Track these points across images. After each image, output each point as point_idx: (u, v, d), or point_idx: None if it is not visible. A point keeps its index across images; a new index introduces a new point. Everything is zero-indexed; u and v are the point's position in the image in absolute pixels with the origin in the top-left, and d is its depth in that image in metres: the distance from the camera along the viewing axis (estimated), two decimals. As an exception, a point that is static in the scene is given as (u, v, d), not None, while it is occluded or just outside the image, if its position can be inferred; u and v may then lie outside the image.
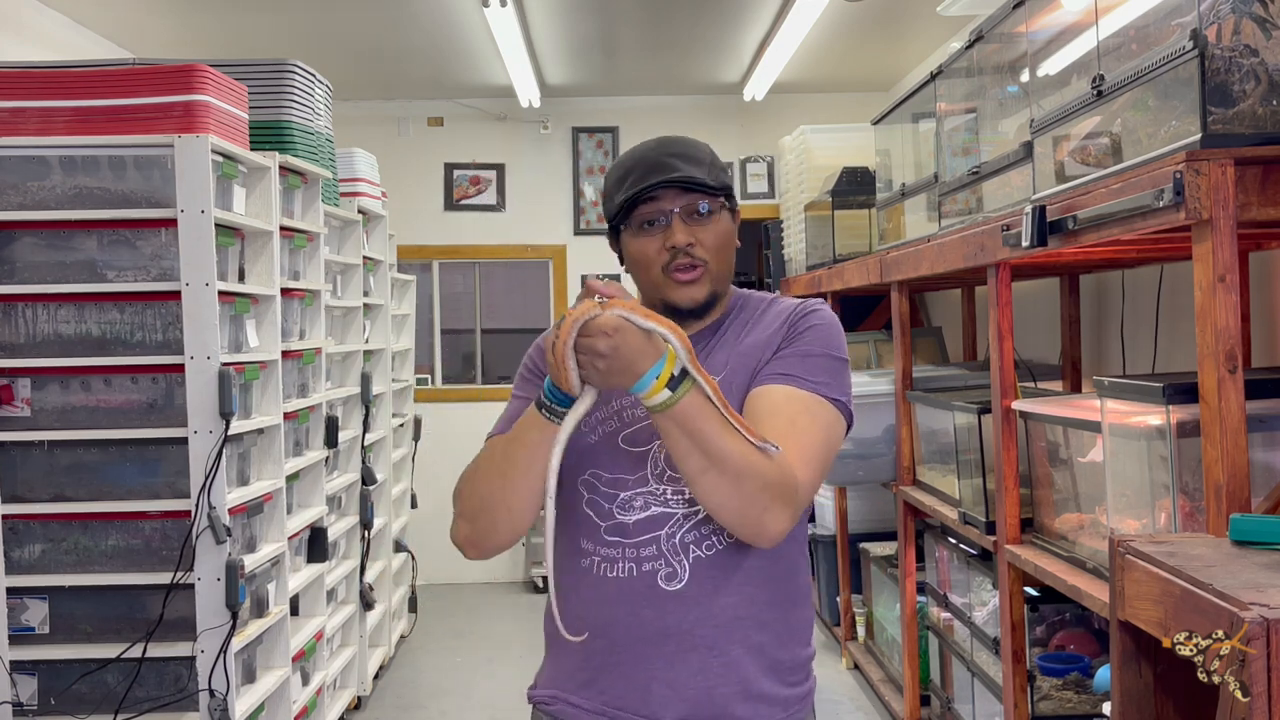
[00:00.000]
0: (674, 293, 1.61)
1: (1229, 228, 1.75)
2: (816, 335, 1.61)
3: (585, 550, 1.60)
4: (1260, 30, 1.81)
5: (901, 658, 4.00)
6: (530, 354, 1.73)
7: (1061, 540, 2.61)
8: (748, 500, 1.45)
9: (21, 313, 3.06)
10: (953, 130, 3.34)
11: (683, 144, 1.65)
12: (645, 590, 1.56)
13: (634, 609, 1.57)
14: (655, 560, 1.57)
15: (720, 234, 1.62)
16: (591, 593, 1.60)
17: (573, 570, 1.62)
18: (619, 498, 1.59)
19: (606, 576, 1.58)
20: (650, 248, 1.61)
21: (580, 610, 1.61)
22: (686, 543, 1.57)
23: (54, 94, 3.03)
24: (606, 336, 1.39)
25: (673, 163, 1.60)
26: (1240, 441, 1.75)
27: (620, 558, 1.58)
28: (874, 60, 5.87)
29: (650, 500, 1.58)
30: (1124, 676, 1.61)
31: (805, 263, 5.40)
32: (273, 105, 3.64)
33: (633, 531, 1.58)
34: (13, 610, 3.06)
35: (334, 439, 4.02)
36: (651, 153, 1.63)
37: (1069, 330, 3.83)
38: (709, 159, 1.64)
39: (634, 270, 1.65)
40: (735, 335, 1.67)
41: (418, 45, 5.44)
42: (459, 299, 7.03)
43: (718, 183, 1.61)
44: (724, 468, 1.43)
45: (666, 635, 1.56)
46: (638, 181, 1.60)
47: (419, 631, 5.63)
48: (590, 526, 1.60)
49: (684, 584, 1.56)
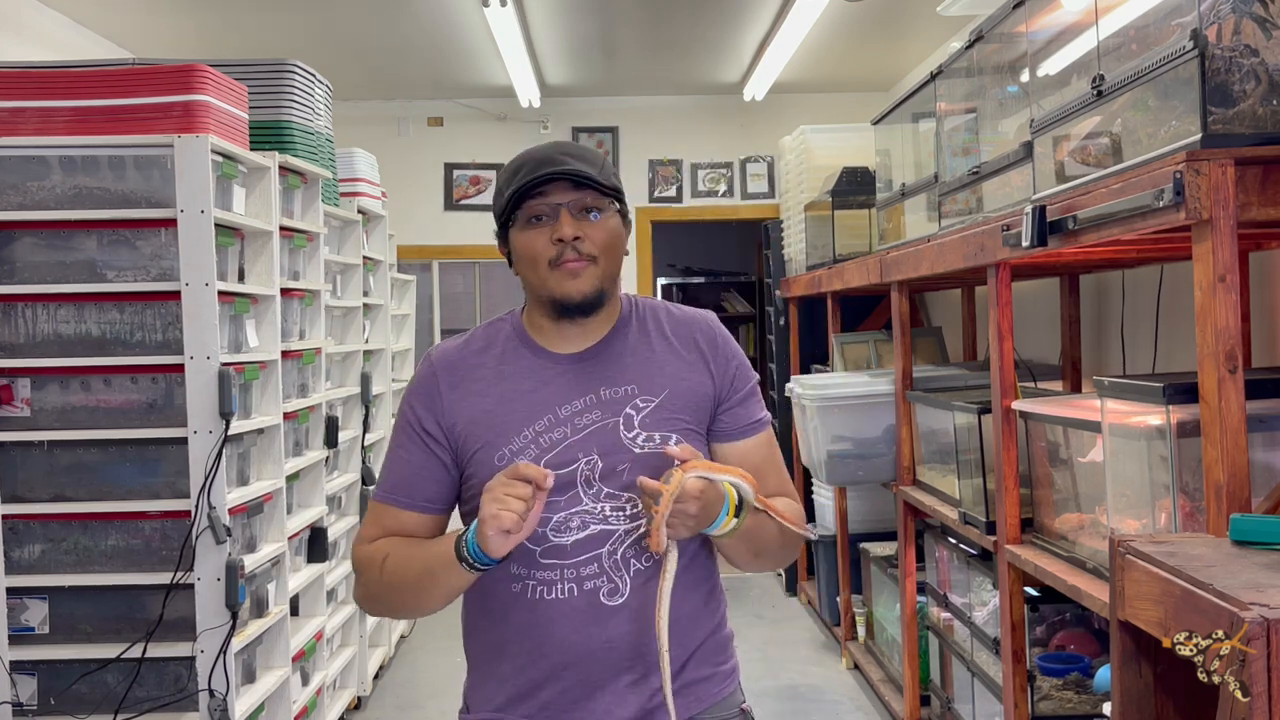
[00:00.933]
0: (561, 286, 1.59)
1: (1229, 228, 1.75)
2: (743, 366, 1.71)
3: (516, 575, 1.60)
4: (1260, 30, 1.81)
5: (901, 658, 4.00)
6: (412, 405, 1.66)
7: (1061, 540, 2.61)
8: (785, 560, 1.75)
9: (21, 313, 3.06)
10: (953, 130, 3.34)
11: (576, 147, 1.66)
12: (587, 608, 1.58)
13: (578, 627, 1.58)
14: (597, 578, 1.58)
15: (610, 231, 1.61)
16: (527, 615, 1.59)
17: (499, 595, 1.61)
18: (552, 520, 1.58)
19: (544, 599, 1.59)
20: (538, 242, 1.59)
21: (513, 634, 1.61)
22: (628, 558, 1.59)
23: (54, 94, 3.03)
24: (695, 500, 1.49)
25: (563, 159, 1.60)
26: (1240, 441, 1.75)
27: (559, 579, 1.58)
28: (874, 60, 5.87)
29: (589, 519, 1.58)
30: (1124, 676, 1.61)
31: (805, 263, 5.40)
32: (273, 105, 3.64)
33: (571, 552, 1.58)
34: (13, 610, 3.06)
35: (334, 439, 4.02)
36: (542, 150, 1.64)
37: (1069, 330, 3.83)
38: (602, 161, 1.64)
39: (521, 267, 1.63)
40: (643, 345, 1.66)
41: (418, 45, 5.44)
42: (459, 299, 7.03)
43: (608, 183, 1.61)
44: (769, 553, 1.67)
45: (611, 648, 1.58)
46: (527, 174, 1.59)
47: (419, 631, 5.63)
48: (522, 552, 1.57)
49: (625, 598, 1.58)
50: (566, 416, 1.60)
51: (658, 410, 1.61)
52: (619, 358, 1.64)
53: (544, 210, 1.59)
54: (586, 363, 1.64)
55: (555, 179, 1.58)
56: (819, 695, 4.53)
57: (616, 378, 1.62)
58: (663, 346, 1.67)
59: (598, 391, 1.61)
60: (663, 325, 1.69)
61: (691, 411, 1.64)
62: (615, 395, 1.61)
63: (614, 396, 1.61)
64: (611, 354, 1.64)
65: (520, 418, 1.60)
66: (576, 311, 1.60)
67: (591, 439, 1.59)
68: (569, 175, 1.58)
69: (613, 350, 1.65)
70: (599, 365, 1.63)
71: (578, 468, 1.58)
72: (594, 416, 1.60)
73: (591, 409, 1.60)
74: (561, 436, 1.59)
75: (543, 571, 1.58)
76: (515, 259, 1.64)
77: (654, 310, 1.71)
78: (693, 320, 1.71)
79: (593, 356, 1.64)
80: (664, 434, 1.60)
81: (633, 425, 1.60)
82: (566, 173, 1.57)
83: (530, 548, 1.58)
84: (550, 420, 1.60)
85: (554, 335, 1.65)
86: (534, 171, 1.59)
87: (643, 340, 1.67)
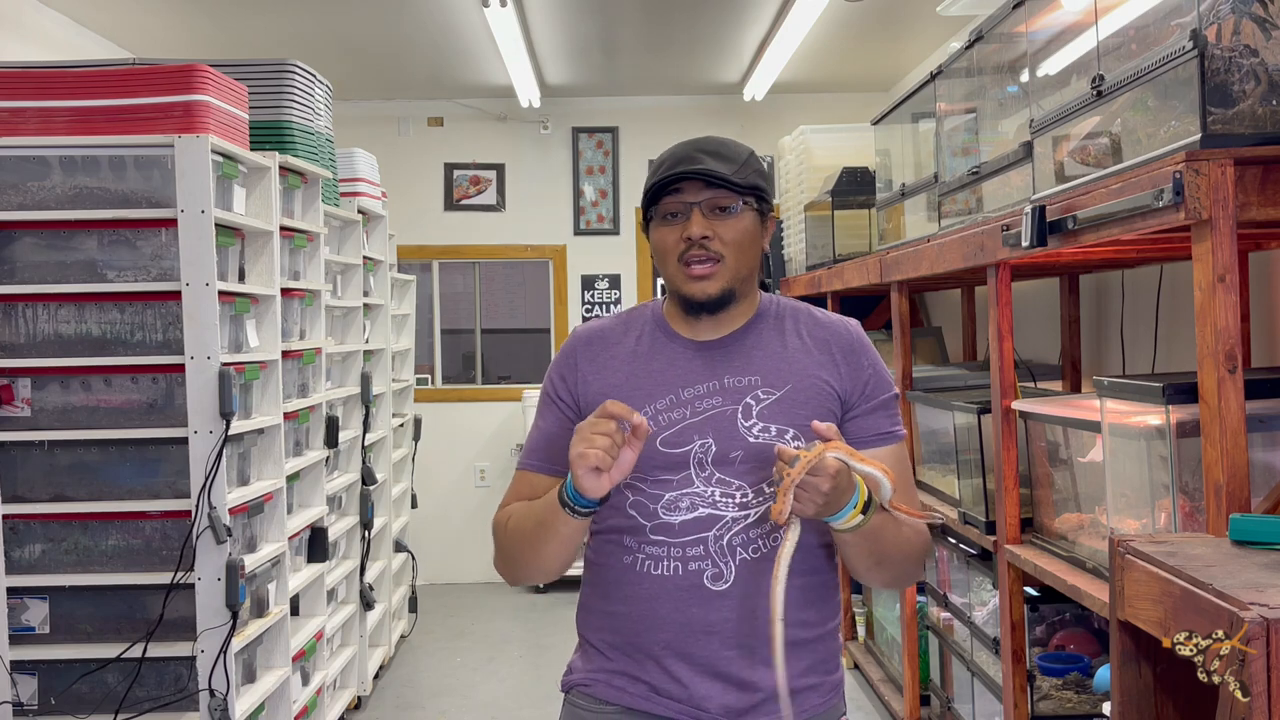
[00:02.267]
0: (687, 285, 1.64)
1: (1229, 228, 1.75)
2: (882, 377, 1.71)
3: (628, 548, 1.64)
4: (1260, 30, 1.81)
5: (901, 657, 4.00)
6: (551, 375, 1.75)
7: (1061, 540, 2.61)
8: (907, 579, 1.72)
9: (21, 313, 3.06)
10: (952, 130, 3.34)
11: (718, 143, 1.67)
12: (691, 588, 1.60)
13: (679, 606, 1.60)
14: (702, 560, 1.60)
15: (741, 231, 1.64)
16: (634, 589, 1.63)
17: (613, 568, 1.65)
18: (664, 498, 1.61)
19: (650, 573, 1.62)
20: (669, 238, 1.64)
21: (621, 606, 1.65)
22: (734, 545, 1.60)
23: (54, 94, 3.03)
24: (830, 478, 1.46)
25: (700, 157, 1.62)
26: (1240, 441, 1.75)
27: (665, 556, 1.61)
28: (874, 60, 5.87)
29: (697, 501, 1.61)
30: (1124, 676, 1.61)
31: (805, 263, 5.40)
32: (273, 105, 3.64)
33: (679, 531, 1.61)
34: (13, 610, 3.06)
35: (334, 439, 4.02)
36: (684, 148, 1.66)
37: (1069, 330, 3.83)
38: (743, 159, 1.65)
39: (656, 261, 1.68)
40: (776, 341, 1.69)
41: (418, 45, 5.44)
42: (459, 299, 7.03)
43: (745, 181, 1.63)
44: (891, 562, 1.62)
45: (711, 632, 1.60)
46: (664, 171, 1.63)
47: (419, 631, 5.63)
48: (634, 526, 1.63)
49: (729, 584, 1.60)
50: (688, 399, 1.64)
51: (778, 403, 1.63)
52: (748, 349, 1.68)
53: (678, 208, 1.63)
54: (716, 350, 1.68)
55: (688, 178, 1.61)
56: (819, 695, 4.52)
57: (743, 367, 1.66)
58: (796, 345, 1.69)
59: (722, 379, 1.65)
60: (800, 326, 1.72)
61: (814, 409, 1.64)
62: (739, 384, 1.64)
63: (737, 385, 1.64)
64: (742, 345, 1.68)
65: (644, 394, 1.64)
66: (704, 309, 1.65)
67: (709, 423, 1.62)
68: (700, 175, 1.61)
69: (744, 342, 1.68)
70: (727, 354, 1.67)
71: (691, 450, 1.61)
72: (715, 402, 1.63)
73: (714, 394, 1.64)
74: (680, 417, 1.63)
75: (652, 547, 1.62)
76: (653, 252, 1.69)
77: (795, 311, 1.74)
78: (832, 324, 1.73)
79: (723, 345, 1.68)
80: (780, 426, 1.62)
81: (750, 415, 1.63)
82: (698, 172, 1.61)
83: (641, 523, 1.62)
84: (672, 400, 1.64)
85: (689, 324, 1.70)
86: (671, 169, 1.63)
87: (776, 336, 1.70)
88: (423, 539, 6.04)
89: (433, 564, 6.36)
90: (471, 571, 6.69)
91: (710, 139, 1.68)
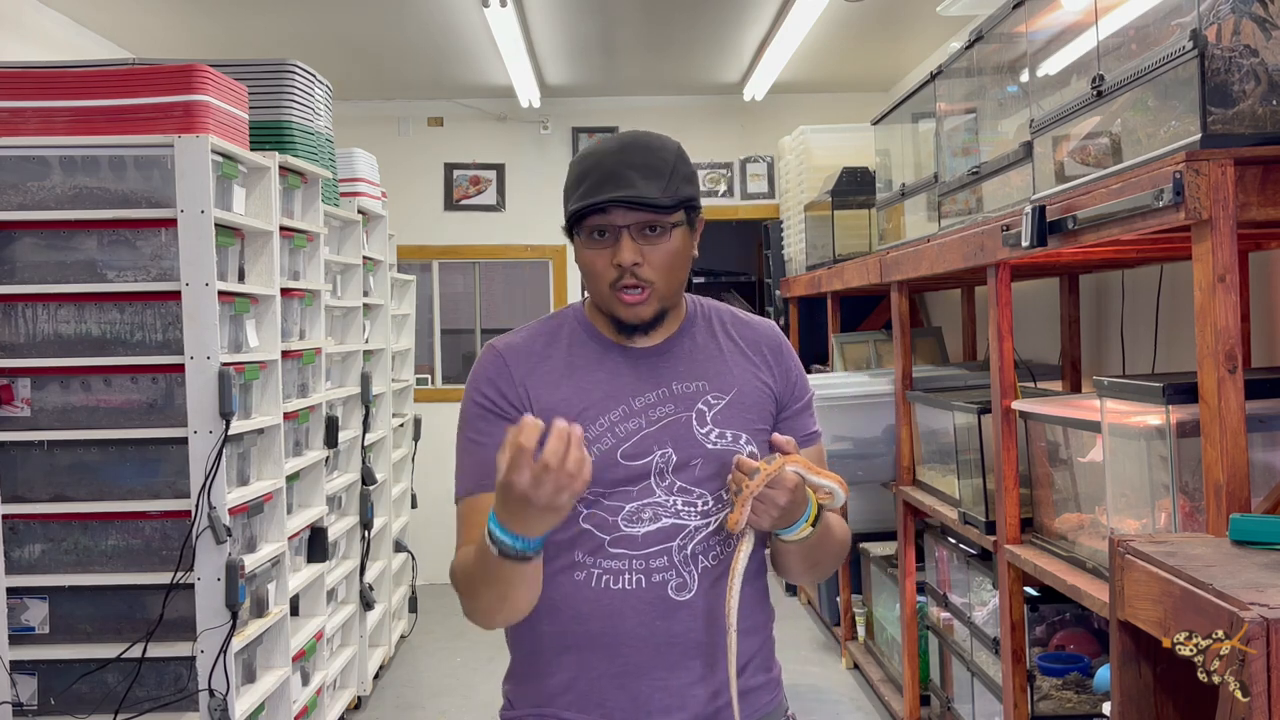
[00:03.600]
0: (620, 310, 1.58)
1: (1229, 228, 1.75)
2: (802, 377, 1.73)
3: (580, 563, 1.58)
4: (1260, 30, 1.81)
5: (901, 658, 4.00)
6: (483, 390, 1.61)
7: (1061, 540, 2.61)
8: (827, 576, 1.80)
9: (21, 313, 3.06)
10: (952, 130, 3.34)
11: (645, 151, 1.56)
12: (655, 600, 1.57)
13: (643, 619, 1.56)
14: (666, 571, 1.57)
15: (671, 253, 1.57)
16: (590, 606, 1.57)
17: (561, 584, 1.58)
18: (624, 510, 1.57)
19: (609, 588, 1.57)
20: (599, 262, 1.57)
21: (574, 624, 1.59)
22: (696, 554, 1.58)
23: (54, 94, 3.03)
24: (788, 492, 1.47)
25: (628, 176, 1.52)
26: (1240, 441, 1.75)
27: (627, 569, 1.57)
28: (874, 60, 5.87)
29: (660, 512, 1.58)
30: (1124, 676, 1.61)
31: (805, 263, 5.40)
32: (273, 105, 3.64)
33: (642, 543, 1.57)
34: (13, 610, 3.06)
35: (334, 439, 4.02)
36: (610, 159, 1.55)
37: (1069, 330, 3.83)
38: (671, 169, 1.56)
39: (585, 279, 1.62)
40: (711, 344, 1.67)
41: (418, 45, 5.44)
42: (459, 299, 7.03)
43: (673, 199, 1.54)
44: (821, 566, 1.68)
45: (673, 643, 1.57)
46: (589, 192, 1.53)
47: (419, 631, 5.63)
48: (590, 541, 1.57)
49: (693, 594, 1.58)
50: (640, 408, 1.60)
51: (729, 408, 1.62)
52: (688, 355, 1.65)
53: (604, 227, 1.55)
54: (657, 357, 1.64)
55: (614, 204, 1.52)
56: (819, 695, 4.53)
57: (686, 373, 1.63)
58: (730, 348, 1.68)
59: (669, 385, 1.62)
60: (728, 328, 1.71)
61: (757, 412, 1.65)
62: (686, 390, 1.62)
63: (685, 391, 1.62)
64: (681, 351, 1.65)
65: (597, 407, 1.58)
66: (636, 332, 1.62)
67: (665, 432, 1.59)
68: (627, 202, 1.51)
69: (682, 347, 1.66)
70: (669, 360, 1.64)
71: (652, 460, 1.58)
72: (667, 410, 1.60)
73: (664, 402, 1.61)
74: (637, 427, 1.59)
75: (610, 561, 1.57)
76: (580, 267, 1.62)
77: (719, 313, 1.73)
78: (756, 325, 1.73)
79: (663, 352, 1.65)
80: (734, 432, 1.61)
81: (705, 421, 1.61)
82: (624, 199, 1.51)
83: (599, 536, 1.58)
84: (625, 411, 1.60)
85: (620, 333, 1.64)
86: (595, 191, 1.53)
87: (710, 340, 1.68)
88: (423, 539, 6.04)
89: (433, 564, 6.35)
90: (471, 571, 6.67)
91: (636, 143, 1.57)
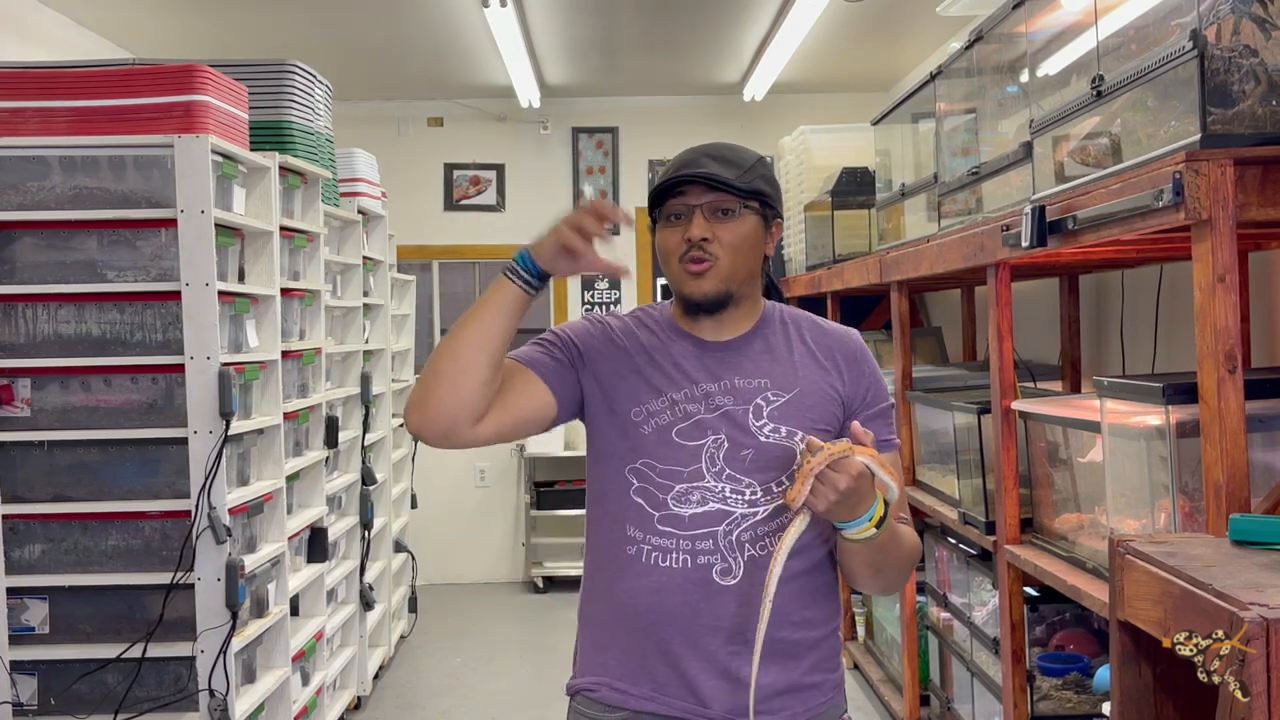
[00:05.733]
0: (685, 284, 1.67)
1: (1229, 228, 1.75)
2: (882, 386, 1.75)
3: (632, 538, 1.64)
4: (1260, 30, 1.81)
5: (901, 658, 4.00)
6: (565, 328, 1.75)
7: (1061, 540, 2.61)
8: (897, 587, 1.77)
9: (21, 313, 3.06)
10: (952, 130, 3.34)
11: (726, 148, 1.70)
12: (700, 582, 1.61)
13: (688, 599, 1.61)
14: (711, 555, 1.61)
15: (741, 235, 1.66)
16: (640, 580, 1.63)
17: (616, 557, 1.66)
18: (674, 489, 1.63)
19: (658, 565, 1.62)
20: (670, 240, 1.67)
21: (627, 597, 1.64)
22: (743, 541, 1.62)
23: (54, 94, 3.03)
24: (851, 478, 1.48)
25: (705, 161, 1.65)
26: (1240, 441, 1.75)
27: (674, 548, 1.62)
28: (874, 60, 5.87)
29: (707, 496, 1.62)
30: (1124, 676, 1.61)
31: (805, 263, 5.40)
32: (273, 105, 3.64)
33: (688, 524, 1.62)
34: (13, 610, 3.06)
35: (334, 439, 4.02)
36: (691, 153, 1.69)
37: (1069, 330, 3.83)
38: (749, 165, 1.67)
39: (661, 262, 1.71)
40: (782, 346, 1.72)
41: (418, 45, 5.44)
42: (459, 299, 7.03)
43: (747, 186, 1.65)
44: (889, 574, 1.67)
45: (718, 628, 1.61)
46: (667, 174, 1.66)
47: (419, 631, 5.63)
48: (640, 515, 1.64)
49: (738, 580, 1.61)
50: (700, 395, 1.66)
51: (787, 405, 1.66)
52: (757, 353, 1.70)
53: (680, 210, 1.66)
54: (725, 351, 1.70)
55: (690, 181, 1.64)
56: (819, 695, 4.52)
57: (751, 370, 1.68)
58: (801, 351, 1.72)
59: (732, 379, 1.68)
60: (804, 333, 1.75)
61: (819, 413, 1.67)
62: (748, 385, 1.67)
63: (747, 386, 1.67)
64: (751, 348, 1.71)
65: (662, 383, 1.67)
66: (701, 309, 1.68)
67: (722, 420, 1.64)
68: (701, 178, 1.63)
69: (752, 346, 1.71)
70: (736, 356, 1.70)
71: (705, 444, 1.63)
72: (726, 400, 1.66)
73: (725, 393, 1.66)
74: (694, 411, 1.65)
75: (658, 538, 1.63)
76: (658, 254, 1.71)
77: (798, 319, 1.77)
78: (835, 332, 1.76)
79: (732, 347, 1.71)
80: (790, 429, 1.64)
81: (761, 415, 1.65)
82: (699, 175, 1.63)
83: (649, 511, 1.63)
84: (687, 394, 1.66)
85: (694, 325, 1.72)
86: (675, 172, 1.65)
87: (783, 342, 1.73)
88: (423, 539, 6.04)
89: (433, 564, 6.35)
90: (471, 571, 6.69)
91: (719, 145, 1.71)
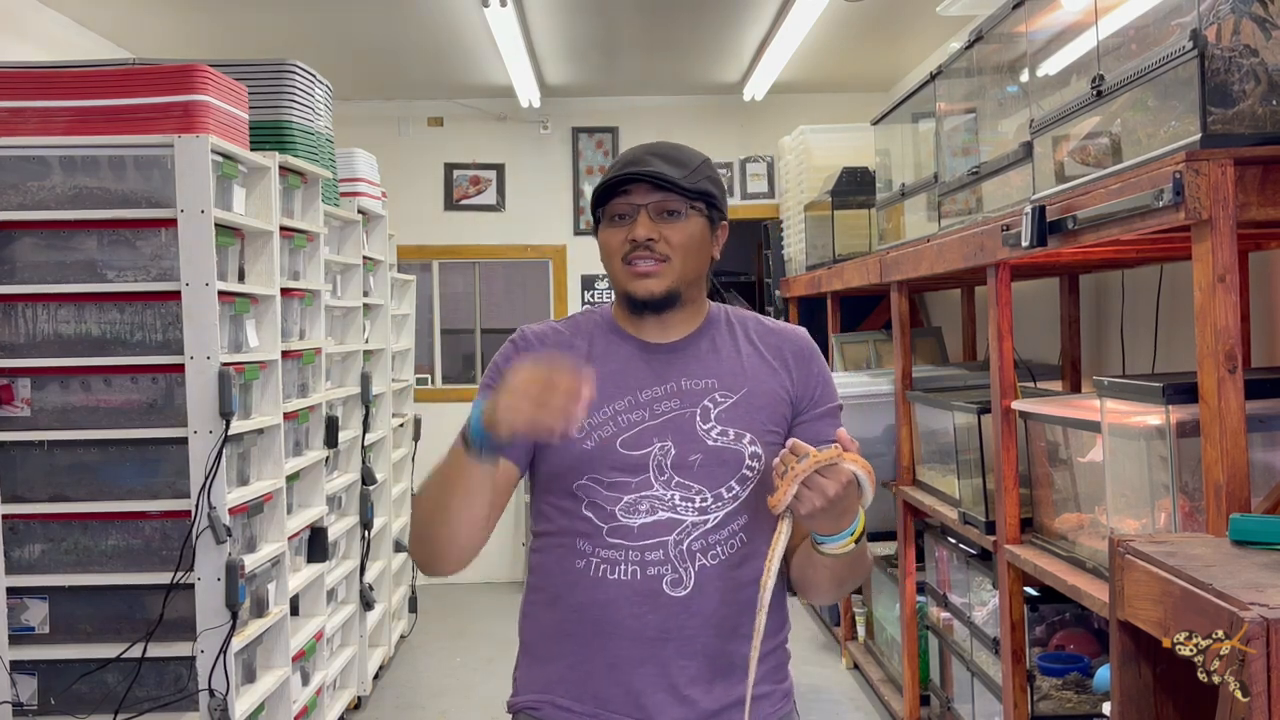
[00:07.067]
0: (631, 282, 1.62)
1: (1229, 228, 1.75)
2: (831, 386, 1.71)
3: (581, 551, 1.60)
4: (1260, 30, 1.81)
5: (901, 657, 4.00)
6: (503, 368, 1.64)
7: (1061, 540, 2.61)
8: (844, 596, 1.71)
9: (21, 313, 3.06)
10: (952, 130, 3.34)
11: (672, 148, 1.66)
12: (650, 593, 1.57)
13: (637, 611, 1.57)
14: (661, 565, 1.57)
15: (688, 235, 1.62)
16: (588, 594, 1.59)
17: (567, 571, 1.61)
18: (622, 500, 1.58)
19: (607, 578, 1.58)
20: (614, 239, 1.63)
21: (574, 611, 1.61)
22: (694, 550, 1.58)
23: (54, 94, 3.03)
24: (840, 485, 1.43)
25: (650, 160, 1.62)
26: (1240, 441, 1.75)
27: (623, 560, 1.58)
28: (874, 60, 5.87)
29: (657, 505, 1.58)
30: (1124, 676, 1.61)
31: (805, 263, 5.40)
32: (273, 105, 3.64)
33: (638, 535, 1.58)
34: (13, 610, 3.06)
35: (334, 439, 4.02)
36: (636, 151, 1.66)
37: (1069, 330, 3.83)
38: (694, 165, 1.64)
39: (603, 261, 1.67)
40: (729, 345, 1.68)
41: (418, 45, 5.44)
42: (459, 299, 7.03)
43: (694, 186, 1.61)
44: (846, 586, 1.62)
45: (667, 639, 1.57)
46: (612, 174, 1.63)
47: (419, 631, 5.63)
48: (589, 529, 1.59)
49: (689, 591, 1.57)
50: (645, 401, 1.62)
51: (735, 407, 1.63)
52: (703, 353, 1.67)
53: (626, 209, 1.62)
54: (671, 354, 1.67)
55: (635, 180, 1.60)
56: (819, 695, 4.53)
57: (698, 371, 1.65)
58: (748, 350, 1.69)
59: (678, 381, 1.64)
60: (750, 333, 1.71)
61: (768, 414, 1.64)
62: (695, 387, 1.64)
63: (694, 388, 1.64)
64: (696, 349, 1.67)
65: (603, 396, 1.60)
66: (647, 308, 1.64)
67: (667, 426, 1.61)
68: (647, 178, 1.60)
69: (698, 346, 1.68)
70: (682, 358, 1.66)
71: (651, 452, 1.59)
72: (672, 405, 1.62)
73: (671, 397, 1.63)
74: (639, 419, 1.61)
75: (607, 550, 1.59)
76: (600, 253, 1.68)
77: (744, 319, 1.74)
78: (783, 331, 1.73)
79: (678, 349, 1.67)
80: (738, 431, 1.61)
81: (709, 418, 1.62)
82: (645, 174, 1.60)
83: (597, 524, 1.59)
84: (630, 402, 1.62)
85: (638, 327, 1.68)
86: (619, 171, 1.62)
87: (729, 342, 1.69)
88: (423, 539, 6.03)
89: (433, 564, 6.34)
90: (471, 571, 6.62)
91: (664, 144, 1.67)
